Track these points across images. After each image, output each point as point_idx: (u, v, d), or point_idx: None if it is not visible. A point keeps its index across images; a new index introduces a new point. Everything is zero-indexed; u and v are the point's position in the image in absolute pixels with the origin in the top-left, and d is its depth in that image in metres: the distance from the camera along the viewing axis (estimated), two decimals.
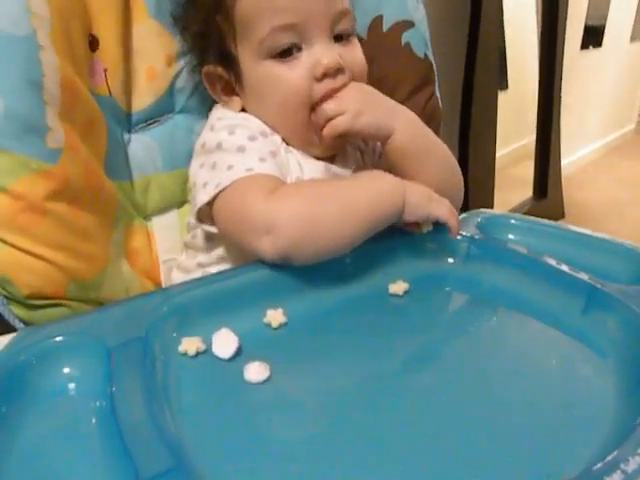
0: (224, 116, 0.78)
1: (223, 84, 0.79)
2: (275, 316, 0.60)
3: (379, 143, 0.79)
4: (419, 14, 0.91)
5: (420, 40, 0.91)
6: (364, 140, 0.84)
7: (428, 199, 0.69)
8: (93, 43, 0.74)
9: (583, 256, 0.70)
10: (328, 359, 0.57)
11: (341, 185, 0.70)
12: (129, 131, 0.81)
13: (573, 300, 0.62)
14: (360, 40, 0.85)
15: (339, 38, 0.74)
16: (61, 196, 0.64)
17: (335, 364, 0.56)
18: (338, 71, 0.72)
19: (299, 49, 0.72)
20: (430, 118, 0.92)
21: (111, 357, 0.51)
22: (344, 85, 0.72)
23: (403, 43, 0.90)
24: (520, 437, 0.46)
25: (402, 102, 0.86)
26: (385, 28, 0.89)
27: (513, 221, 0.80)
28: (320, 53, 0.72)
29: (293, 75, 0.72)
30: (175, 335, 0.56)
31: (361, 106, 0.71)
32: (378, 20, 0.89)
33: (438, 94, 0.93)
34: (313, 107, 0.73)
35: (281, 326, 0.60)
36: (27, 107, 0.61)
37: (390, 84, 0.89)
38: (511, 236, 0.78)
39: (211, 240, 0.77)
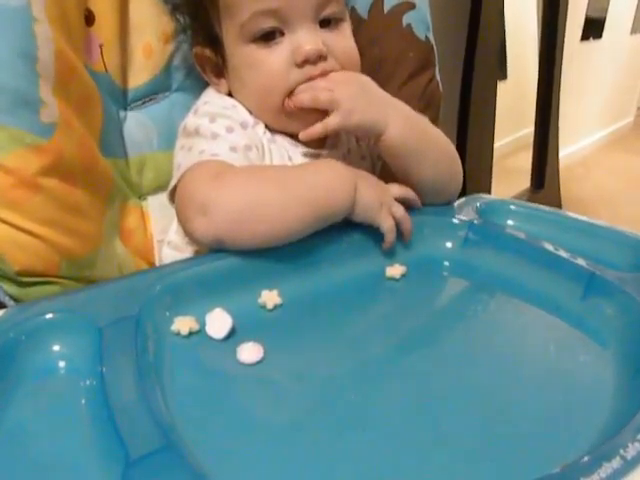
0: (211, 101, 0.77)
1: (212, 66, 0.78)
2: (270, 297, 0.60)
3: None
4: None
5: (421, 22, 0.90)
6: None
7: (379, 205, 0.67)
8: (89, 18, 0.73)
9: (582, 243, 0.70)
10: (322, 341, 0.56)
11: (286, 173, 0.69)
12: (125, 108, 0.80)
13: (572, 286, 0.61)
14: (361, 21, 0.84)
15: (326, 23, 0.73)
16: (54, 172, 0.63)
17: (329, 347, 0.55)
18: (320, 58, 0.71)
19: (282, 34, 0.71)
20: (430, 101, 0.91)
21: (102, 335, 0.50)
22: (324, 72, 0.71)
23: (404, 24, 0.88)
24: (518, 423, 0.46)
25: (402, 84, 0.87)
26: (386, 9, 0.88)
27: (512, 207, 0.79)
28: (302, 38, 0.70)
29: (272, 59, 0.71)
30: (168, 314, 0.55)
31: (353, 103, 0.69)
32: (379, 1, 0.88)
33: (439, 78, 0.92)
34: (290, 93, 0.72)
35: (276, 307, 0.59)
36: (20, 80, 0.60)
37: (390, 66, 0.89)
38: (510, 222, 0.77)
39: None
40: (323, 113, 0.69)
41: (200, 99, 0.78)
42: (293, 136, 0.76)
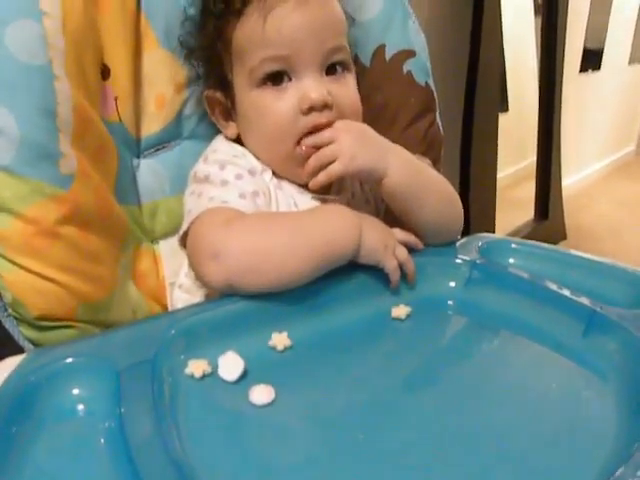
0: (220, 149, 0.80)
1: (222, 109, 0.82)
2: (280, 339, 0.61)
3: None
4: (420, 43, 0.93)
5: (421, 68, 0.93)
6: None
7: (383, 247, 0.69)
8: (105, 72, 0.76)
9: (583, 280, 0.71)
10: (332, 383, 0.58)
11: (294, 218, 0.71)
12: (138, 156, 0.83)
13: (574, 323, 0.63)
14: (364, 69, 0.87)
15: (332, 72, 0.76)
16: (72, 221, 0.66)
17: (339, 388, 0.57)
18: (325, 106, 0.73)
19: (289, 78, 0.74)
20: (431, 145, 0.93)
21: (120, 379, 0.51)
22: (329, 121, 0.73)
23: (405, 71, 0.91)
24: (522, 459, 0.47)
25: (404, 129, 0.89)
26: (387, 57, 0.91)
27: (514, 245, 0.81)
28: (308, 86, 0.73)
29: (280, 105, 0.74)
30: (182, 357, 0.57)
31: (355, 150, 0.71)
32: (381, 49, 0.91)
33: (439, 121, 0.95)
34: (298, 140, 0.75)
35: (286, 349, 0.61)
36: (41, 134, 0.63)
37: (392, 111, 0.92)
38: (512, 260, 0.78)
39: None
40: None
41: (209, 147, 0.81)
42: (299, 183, 0.79)
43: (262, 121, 0.76)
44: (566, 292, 0.66)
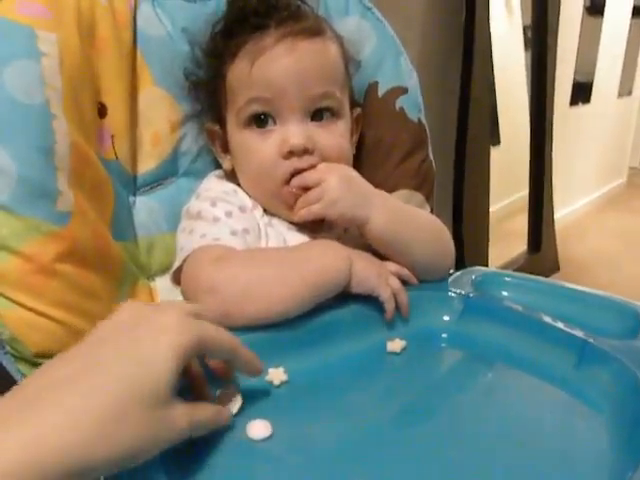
0: (211, 188, 0.82)
1: (221, 141, 0.84)
2: (276, 374, 0.62)
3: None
4: (412, 80, 0.95)
5: (413, 105, 0.94)
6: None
7: (376, 275, 0.71)
8: (102, 110, 0.77)
9: (576, 312, 0.72)
10: (329, 417, 0.58)
11: (284, 253, 0.74)
12: (134, 194, 0.84)
13: (566, 355, 0.64)
14: (357, 105, 0.89)
15: (318, 116, 0.78)
16: (70, 258, 0.66)
17: (335, 422, 0.57)
18: (305, 152, 0.75)
19: (274, 121, 0.77)
20: (424, 180, 0.94)
21: None
22: (311, 165, 0.75)
23: (397, 108, 0.93)
24: None
25: (397, 165, 0.91)
26: (380, 93, 0.93)
27: (507, 278, 0.81)
28: (290, 131, 0.76)
29: (263, 148, 0.77)
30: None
31: (337, 194, 0.73)
32: (374, 86, 0.93)
33: (431, 156, 0.96)
34: (286, 181, 0.77)
35: (282, 384, 0.61)
36: (39, 172, 0.64)
37: (385, 147, 0.93)
38: (505, 293, 0.79)
39: None
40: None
41: (202, 185, 0.84)
42: (289, 220, 0.80)
43: (248, 161, 0.79)
44: (559, 324, 0.67)
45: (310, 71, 0.75)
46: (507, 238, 2.87)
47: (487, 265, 2.15)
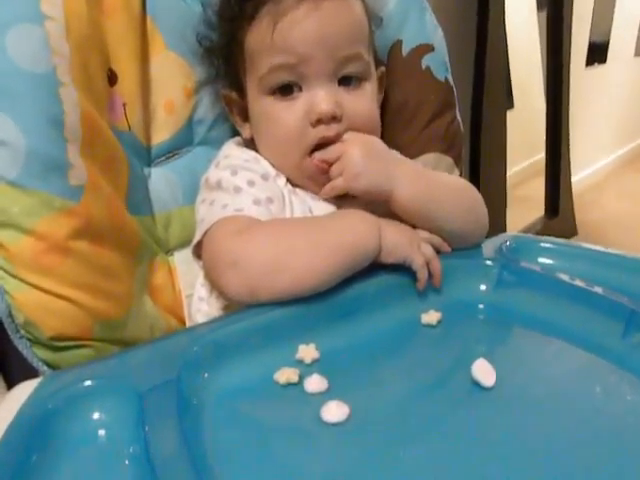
0: (231, 154, 0.78)
1: (239, 109, 0.80)
2: (307, 352, 0.59)
3: None
4: (438, 37, 0.90)
5: (440, 64, 0.90)
6: None
7: (408, 242, 0.68)
8: (112, 78, 0.74)
9: (616, 277, 0.68)
10: (365, 394, 0.55)
11: (312, 222, 0.70)
12: (149, 165, 0.81)
13: (612, 324, 0.60)
14: (381, 63, 0.85)
15: (346, 82, 0.74)
16: (84, 234, 0.64)
17: (375, 399, 0.54)
18: (333, 119, 0.72)
19: (299, 89, 0.72)
20: (452, 142, 0.91)
21: (142, 401, 0.49)
22: (338, 134, 0.72)
23: (423, 67, 0.88)
24: (569, 469, 0.45)
25: (424, 127, 0.88)
26: (404, 52, 0.88)
27: (542, 244, 0.78)
28: (317, 97, 0.72)
29: (288, 116, 0.73)
30: (206, 376, 0.54)
31: (359, 169, 0.70)
32: (397, 45, 0.89)
33: (459, 117, 0.92)
34: (309, 152, 0.73)
35: (314, 362, 0.58)
36: (49, 145, 0.61)
37: (411, 109, 0.89)
38: (541, 260, 0.76)
39: None
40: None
41: (221, 152, 0.79)
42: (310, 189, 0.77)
43: (271, 130, 0.75)
44: (603, 291, 0.63)
45: (336, 32, 0.71)
46: (524, 203, 2.84)
47: (505, 230, 2.12)
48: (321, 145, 0.73)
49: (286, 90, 0.73)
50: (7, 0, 0.60)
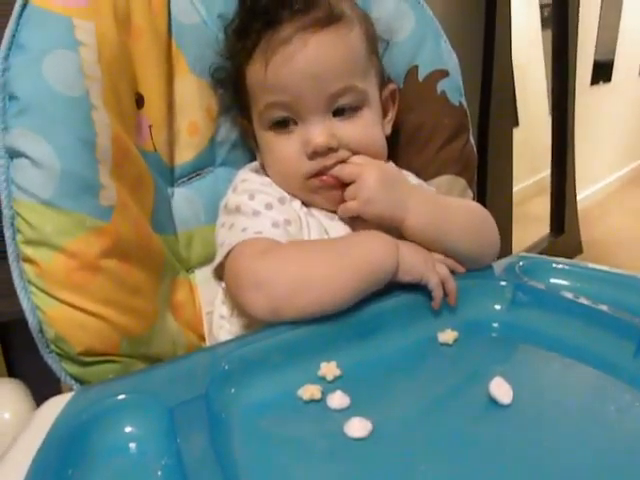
0: (248, 179, 0.80)
1: (252, 136, 0.83)
2: (329, 369, 0.60)
3: None
4: (452, 63, 0.93)
5: (455, 88, 0.92)
6: None
7: (424, 262, 0.69)
8: (139, 101, 0.76)
9: (628, 298, 0.69)
10: (386, 411, 0.56)
11: (332, 244, 0.72)
12: (172, 185, 0.83)
13: (624, 344, 0.61)
14: (391, 81, 0.87)
15: (341, 112, 0.75)
16: (113, 253, 0.65)
17: (396, 415, 0.55)
18: (329, 150, 0.74)
19: (295, 122, 0.75)
20: (466, 164, 0.93)
21: (172, 415, 0.51)
22: (338, 161, 0.74)
23: (439, 92, 0.91)
24: None
25: (439, 149, 0.89)
26: (421, 77, 0.91)
27: (554, 265, 0.79)
28: (312, 131, 0.74)
29: (286, 149, 0.76)
30: (234, 391, 0.56)
31: (373, 194, 0.71)
32: (414, 70, 0.91)
33: (472, 141, 0.94)
34: (309, 177, 0.76)
35: (336, 379, 0.60)
36: (82, 166, 0.63)
37: (427, 132, 0.91)
38: (554, 280, 0.77)
39: None
40: (344, 187, 0.74)
41: (238, 177, 0.81)
42: (328, 209, 0.79)
43: (273, 160, 0.78)
44: (612, 311, 0.65)
45: (325, 69, 0.72)
46: (529, 220, 2.85)
47: (511, 249, 2.13)
48: (322, 172, 0.75)
49: (282, 124, 0.75)
50: (44, 28, 0.63)
